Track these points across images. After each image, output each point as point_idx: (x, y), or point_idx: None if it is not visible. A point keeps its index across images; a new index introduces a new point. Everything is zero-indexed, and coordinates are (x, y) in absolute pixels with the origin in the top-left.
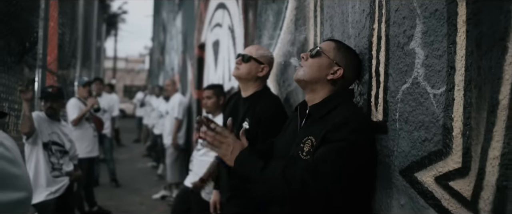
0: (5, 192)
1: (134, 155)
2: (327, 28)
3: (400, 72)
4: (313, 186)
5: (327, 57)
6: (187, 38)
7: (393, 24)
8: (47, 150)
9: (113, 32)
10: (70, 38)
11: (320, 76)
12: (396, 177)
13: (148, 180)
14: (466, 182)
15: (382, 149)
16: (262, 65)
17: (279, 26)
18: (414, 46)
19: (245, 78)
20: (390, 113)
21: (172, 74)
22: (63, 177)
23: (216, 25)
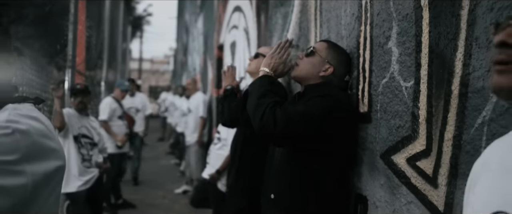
0: (48, 161)
1: (158, 153)
2: (325, 30)
3: (381, 69)
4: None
5: (319, 56)
6: (208, 40)
7: (376, 26)
8: (78, 143)
9: (139, 34)
10: (97, 40)
11: (312, 73)
12: (377, 161)
13: (171, 176)
14: (429, 161)
15: (367, 136)
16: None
17: (286, 28)
18: (391, 45)
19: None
20: (373, 104)
21: (194, 74)
22: (93, 168)
23: (233, 27)
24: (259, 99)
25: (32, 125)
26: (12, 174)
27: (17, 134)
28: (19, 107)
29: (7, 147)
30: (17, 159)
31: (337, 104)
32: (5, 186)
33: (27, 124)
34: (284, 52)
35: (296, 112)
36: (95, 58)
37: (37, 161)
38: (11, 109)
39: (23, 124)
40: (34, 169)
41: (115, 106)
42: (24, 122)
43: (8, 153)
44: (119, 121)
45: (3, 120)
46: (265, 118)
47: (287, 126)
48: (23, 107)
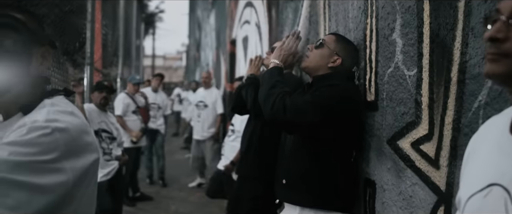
0: (85, 156)
1: (173, 148)
2: (333, 23)
3: (386, 59)
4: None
5: (328, 48)
6: (220, 35)
7: (381, 19)
8: (98, 137)
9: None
10: (112, 38)
11: (321, 64)
12: (384, 146)
13: (186, 170)
14: (431, 144)
15: (375, 124)
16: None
17: (297, 22)
18: (395, 37)
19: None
20: (379, 93)
21: (207, 69)
22: (113, 161)
23: (245, 22)
24: (270, 89)
25: (70, 121)
26: (53, 172)
27: (57, 133)
28: (56, 102)
29: (47, 146)
30: (57, 157)
31: (344, 94)
32: (47, 184)
33: (65, 121)
34: (293, 44)
35: (304, 101)
36: (111, 56)
37: (76, 157)
38: (49, 106)
39: (62, 122)
40: (73, 165)
41: (128, 101)
42: (62, 119)
43: (49, 152)
44: (134, 115)
45: (43, 119)
46: (275, 107)
47: (296, 114)
48: (60, 101)
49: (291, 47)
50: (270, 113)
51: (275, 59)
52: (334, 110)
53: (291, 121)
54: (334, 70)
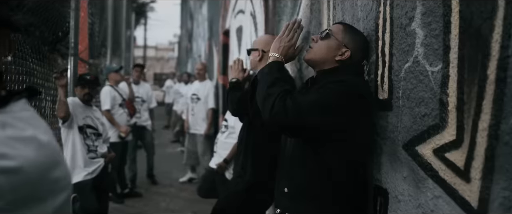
0: (51, 199)
1: (164, 141)
2: (339, 11)
3: (403, 52)
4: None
5: (335, 39)
6: (213, 25)
7: (396, 7)
8: (82, 133)
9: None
10: (100, 28)
11: (328, 57)
12: (400, 151)
13: (176, 164)
14: (460, 153)
15: (388, 125)
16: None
17: (296, 11)
18: (414, 27)
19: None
20: (394, 91)
21: (199, 60)
22: (99, 159)
23: (239, 11)
24: (269, 88)
25: (26, 155)
26: None
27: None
28: (9, 119)
29: None
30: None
31: (353, 91)
32: None
33: (17, 156)
34: (293, 34)
35: (308, 101)
36: (99, 46)
37: (34, 204)
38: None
39: (10, 158)
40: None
41: (115, 94)
42: (12, 154)
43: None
44: (120, 109)
45: None
46: (275, 108)
47: (299, 116)
48: (16, 116)
49: (291, 38)
50: (270, 115)
51: (274, 52)
52: (342, 110)
53: (294, 124)
54: (341, 64)
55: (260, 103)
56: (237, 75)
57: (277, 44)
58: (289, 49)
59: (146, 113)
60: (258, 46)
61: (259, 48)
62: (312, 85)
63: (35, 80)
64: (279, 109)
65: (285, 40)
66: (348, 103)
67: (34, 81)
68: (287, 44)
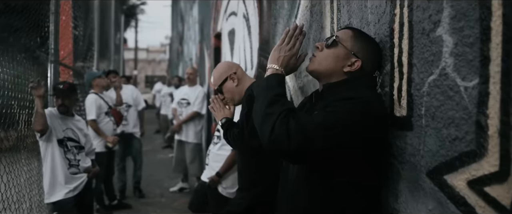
0: None
1: (155, 146)
2: (344, 14)
3: (426, 62)
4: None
5: (343, 47)
6: (204, 28)
7: (417, 9)
8: (63, 147)
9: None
10: (85, 31)
11: (335, 68)
12: (423, 179)
13: (168, 172)
14: (505, 188)
15: (407, 147)
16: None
17: (294, 14)
18: (441, 33)
19: (233, 97)
20: (415, 108)
21: (191, 63)
22: (81, 174)
23: (231, 14)
24: (268, 107)
25: None
26: None
27: None
28: None
29: None
30: None
31: (366, 110)
32: None
33: None
34: (295, 42)
35: (314, 124)
36: (85, 50)
37: None
38: None
39: None
40: None
41: (100, 102)
42: None
43: None
44: (106, 117)
45: None
46: (275, 132)
47: (304, 142)
48: None
49: (293, 46)
50: (269, 140)
51: (273, 63)
52: (355, 134)
53: (297, 150)
54: (351, 76)
55: (258, 125)
56: (223, 114)
57: (276, 53)
58: (290, 59)
59: (133, 118)
60: (222, 77)
61: (227, 76)
62: (317, 101)
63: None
64: (280, 132)
65: (285, 49)
66: (362, 125)
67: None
68: (287, 53)
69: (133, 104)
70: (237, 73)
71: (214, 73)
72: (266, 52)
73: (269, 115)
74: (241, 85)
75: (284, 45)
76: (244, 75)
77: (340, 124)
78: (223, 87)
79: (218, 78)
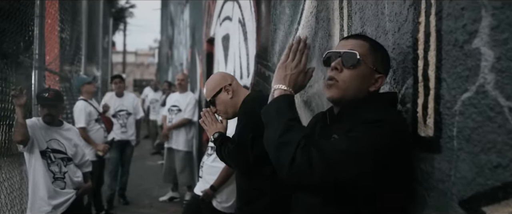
0: None
1: (144, 152)
2: (357, 21)
3: (459, 78)
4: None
5: (366, 65)
6: (196, 32)
7: (447, 17)
8: (46, 158)
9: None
10: (72, 34)
11: (361, 90)
12: (455, 208)
13: (157, 180)
14: None
15: (434, 172)
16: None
17: (297, 19)
18: (479, 45)
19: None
20: (444, 128)
21: (181, 69)
22: (69, 190)
23: (225, 18)
24: (282, 135)
25: None
26: None
27: None
28: None
29: None
30: None
31: (396, 135)
32: None
33: None
34: (301, 57)
35: (338, 152)
36: (72, 54)
37: None
38: None
39: None
40: None
41: (90, 109)
42: None
43: None
44: (97, 124)
45: None
46: (296, 163)
47: (328, 173)
48: None
49: (299, 62)
50: (290, 173)
51: (280, 83)
52: (382, 159)
53: (322, 181)
54: (372, 94)
55: (273, 155)
56: (216, 128)
57: (282, 72)
58: (298, 77)
59: (132, 127)
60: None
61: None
62: (334, 122)
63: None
64: (301, 162)
65: (291, 66)
66: (390, 151)
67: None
68: (294, 70)
69: (133, 112)
70: (232, 85)
71: (207, 84)
72: (264, 60)
73: (285, 144)
74: (235, 98)
75: (289, 62)
76: (239, 87)
77: (367, 151)
78: (216, 99)
79: (211, 90)
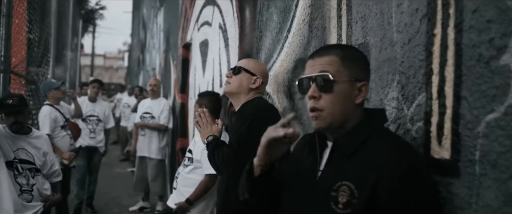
0: None
1: (112, 159)
2: (358, 31)
3: (483, 97)
4: None
5: (345, 80)
6: (170, 37)
7: (470, 30)
8: (13, 170)
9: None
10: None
11: (348, 109)
12: None
13: (127, 188)
14: None
15: (451, 198)
16: (255, 76)
17: (287, 27)
18: (508, 61)
19: (236, 92)
20: (464, 150)
21: (153, 74)
22: (36, 203)
23: (204, 23)
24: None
25: None
26: None
27: None
28: None
29: None
30: None
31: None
32: None
33: None
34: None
35: None
36: (40, 56)
37: None
38: None
39: None
40: None
41: (56, 115)
42: None
43: None
44: (63, 131)
45: None
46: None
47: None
48: None
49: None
50: None
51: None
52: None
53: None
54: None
55: None
56: (210, 132)
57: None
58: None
59: (101, 133)
60: (252, 68)
61: (256, 74)
62: (332, 157)
63: None
64: None
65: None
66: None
67: None
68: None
69: (103, 120)
70: (263, 82)
71: (250, 60)
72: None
73: None
74: (250, 92)
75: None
76: (261, 90)
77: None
78: (241, 73)
79: (249, 66)
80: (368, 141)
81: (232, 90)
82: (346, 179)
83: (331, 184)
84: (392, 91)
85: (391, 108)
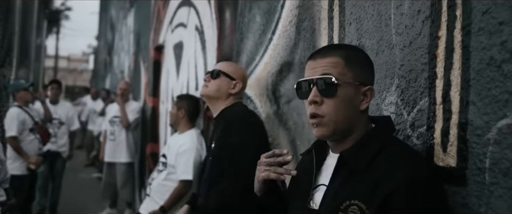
0: None
1: (76, 164)
2: (352, 33)
3: (495, 102)
4: None
5: (350, 84)
6: (141, 39)
7: (479, 32)
8: None
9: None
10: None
11: (352, 116)
12: None
13: (92, 194)
14: None
15: (456, 208)
16: (234, 81)
17: (271, 29)
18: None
19: (215, 96)
20: (471, 158)
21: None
22: None
23: (179, 25)
24: None
25: None
26: None
27: None
28: None
29: None
30: None
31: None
32: None
33: None
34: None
35: None
36: (2, 56)
37: None
38: None
39: None
40: None
41: (24, 117)
42: None
43: None
44: (31, 134)
45: None
46: None
47: None
48: None
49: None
50: None
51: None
52: None
53: None
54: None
55: None
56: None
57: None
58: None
59: (64, 137)
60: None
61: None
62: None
63: None
64: None
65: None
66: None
67: None
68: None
69: (66, 122)
70: (242, 86)
71: (230, 64)
72: None
73: None
74: (229, 97)
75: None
76: (240, 95)
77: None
78: (219, 77)
79: (229, 69)
80: (379, 154)
81: (210, 94)
82: (355, 197)
83: (338, 203)
84: (390, 95)
85: (389, 113)
